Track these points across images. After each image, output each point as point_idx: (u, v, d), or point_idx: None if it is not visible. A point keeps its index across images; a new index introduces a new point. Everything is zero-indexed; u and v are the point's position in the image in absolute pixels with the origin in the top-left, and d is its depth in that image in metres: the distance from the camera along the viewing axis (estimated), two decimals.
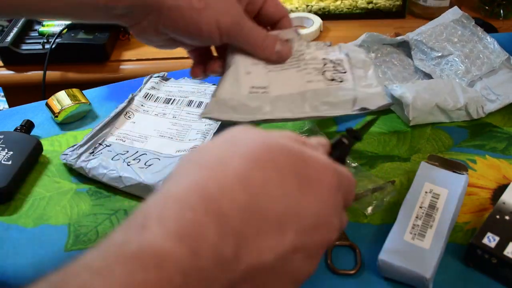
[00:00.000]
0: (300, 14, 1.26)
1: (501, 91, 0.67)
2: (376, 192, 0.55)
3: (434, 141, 0.63)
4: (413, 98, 0.63)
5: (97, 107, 0.71)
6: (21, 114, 0.70)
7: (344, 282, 0.48)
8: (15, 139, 0.62)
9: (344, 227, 0.36)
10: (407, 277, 0.46)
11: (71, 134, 0.67)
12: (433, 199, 0.50)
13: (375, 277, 0.48)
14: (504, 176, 0.58)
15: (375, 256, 0.47)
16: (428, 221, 0.49)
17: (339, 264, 0.49)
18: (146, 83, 0.72)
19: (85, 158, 0.59)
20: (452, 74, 0.70)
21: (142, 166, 0.58)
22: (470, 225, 0.52)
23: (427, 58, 0.73)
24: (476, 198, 0.55)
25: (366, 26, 1.24)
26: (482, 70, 0.69)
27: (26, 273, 0.50)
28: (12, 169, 0.58)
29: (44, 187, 0.59)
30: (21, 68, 1.16)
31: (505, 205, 0.49)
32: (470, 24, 0.75)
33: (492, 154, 0.61)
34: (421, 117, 0.64)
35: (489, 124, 0.65)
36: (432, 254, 0.46)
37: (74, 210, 0.56)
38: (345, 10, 1.28)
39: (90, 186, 0.59)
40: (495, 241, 0.46)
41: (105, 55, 1.15)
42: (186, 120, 0.65)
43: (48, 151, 0.64)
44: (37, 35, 1.19)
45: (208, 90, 0.70)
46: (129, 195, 0.57)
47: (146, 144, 0.61)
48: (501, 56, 0.71)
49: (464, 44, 0.73)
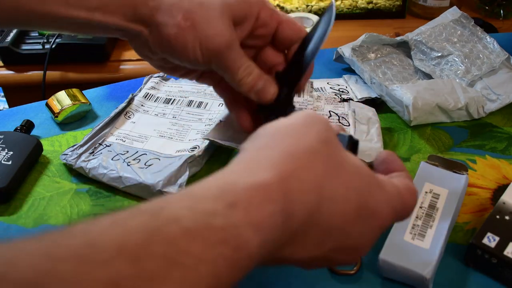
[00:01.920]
0: (300, 14, 1.26)
1: (502, 91, 0.67)
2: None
3: (434, 141, 0.63)
4: (414, 98, 0.63)
5: (97, 107, 0.71)
6: (21, 114, 0.70)
7: (344, 282, 0.48)
8: (15, 139, 0.62)
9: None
10: (407, 277, 0.46)
11: (71, 134, 0.67)
12: (433, 199, 0.50)
13: (375, 277, 0.48)
14: (504, 176, 0.58)
15: (375, 256, 0.47)
16: (428, 221, 0.49)
17: None
18: (146, 83, 0.72)
19: (85, 158, 0.59)
20: (452, 74, 0.70)
21: (142, 166, 0.58)
22: (470, 225, 0.52)
23: (427, 58, 0.73)
24: (476, 198, 0.55)
25: (366, 26, 1.24)
26: (482, 70, 0.69)
27: None
28: (12, 169, 0.58)
29: (44, 187, 0.59)
30: (21, 68, 1.16)
31: (505, 205, 0.49)
32: (470, 24, 0.75)
33: (492, 154, 0.61)
34: (422, 117, 0.64)
35: (489, 124, 0.65)
36: (432, 254, 0.46)
37: (74, 210, 0.56)
38: (345, 10, 1.28)
39: (90, 186, 0.59)
40: (495, 241, 0.46)
41: (105, 55, 1.15)
42: (186, 120, 0.65)
43: (48, 151, 0.64)
44: (37, 35, 1.19)
45: (208, 90, 0.70)
46: (129, 195, 0.57)
47: (146, 144, 0.61)
48: (501, 55, 0.71)
49: (463, 44, 0.73)
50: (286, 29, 0.49)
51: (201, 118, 0.65)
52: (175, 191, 0.55)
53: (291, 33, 0.49)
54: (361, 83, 0.70)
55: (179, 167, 0.57)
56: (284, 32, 0.49)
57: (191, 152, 0.59)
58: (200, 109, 0.67)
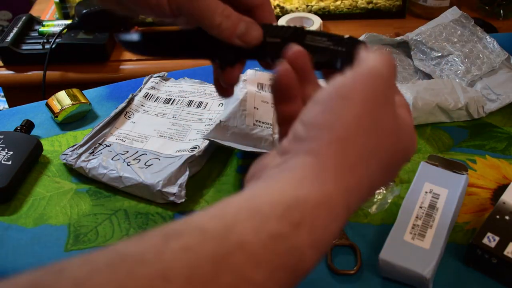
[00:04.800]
0: (300, 14, 1.26)
1: (502, 91, 0.67)
2: (380, 191, 0.55)
3: (434, 141, 0.63)
4: (414, 98, 0.63)
5: (97, 107, 0.71)
6: (21, 114, 0.70)
7: (344, 282, 0.48)
8: (15, 139, 0.62)
9: None
10: (407, 277, 0.46)
11: (71, 134, 0.67)
12: (433, 199, 0.50)
13: (375, 277, 0.48)
14: (504, 176, 0.58)
15: (375, 256, 0.47)
16: (428, 221, 0.48)
17: (339, 264, 0.49)
18: (146, 83, 0.72)
19: (85, 158, 0.59)
20: (452, 74, 0.70)
21: (142, 166, 0.58)
22: (470, 225, 0.52)
23: (427, 58, 0.73)
24: (476, 198, 0.55)
25: (366, 26, 1.24)
26: (482, 70, 0.69)
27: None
28: (12, 169, 0.58)
29: (44, 187, 0.59)
30: (21, 68, 1.16)
31: (505, 205, 0.49)
32: (469, 24, 0.75)
33: (492, 154, 0.61)
34: (422, 117, 0.64)
35: (489, 124, 0.65)
36: (432, 254, 0.46)
37: (74, 210, 0.56)
38: (345, 10, 1.28)
39: (90, 186, 0.59)
40: (495, 241, 0.46)
41: (105, 55, 1.15)
42: (186, 120, 0.65)
43: (48, 151, 0.64)
44: (37, 35, 1.19)
45: (208, 90, 0.70)
46: (129, 195, 0.57)
47: (146, 144, 0.61)
48: (501, 55, 0.71)
49: (463, 44, 0.73)
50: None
51: (201, 118, 0.65)
52: (175, 191, 0.55)
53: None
54: None
55: (179, 167, 0.57)
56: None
57: (191, 152, 0.59)
58: (200, 109, 0.67)
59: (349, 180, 0.31)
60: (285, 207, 0.28)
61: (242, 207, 0.28)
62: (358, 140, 0.31)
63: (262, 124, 0.59)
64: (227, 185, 0.59)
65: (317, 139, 0.31)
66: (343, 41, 0.43)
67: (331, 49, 0.42)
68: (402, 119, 0.34)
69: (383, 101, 0.33)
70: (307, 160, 0.31)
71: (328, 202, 0.29)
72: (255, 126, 0.59)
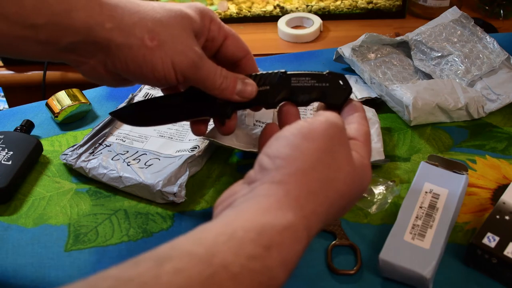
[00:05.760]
0: (300, 14, 1.26)
1: (502, 91, 0.67)
2: (380, 191, 0.55)
3: (434, 141, 0.63)
4: (414, 98, 0.63)
5: (97, 107, 0.71)
6: (21, 114, 0.70)
7: (344, 282, 0.48)
8: (15, 139, 0.62)
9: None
10: (407, 277, 0.46)
11: (71, 134, 0.67)
12: (433, 199, 0.50)
13: (375, 277, 0.48)
14: (504, 176, 0.58)
15: (375, 256, 0.47)
16: (428, 221, 0.49)
17: (339, 264, 0.49)
18: None
19: (85, 158, 0.59)
20: (452, 74, 0.70)
21: (142, 166, 0.58)
22: (470, 225, 0.52)
23: (427, 58, 0.73)
24: (476, 198, 0.55)
25: (366, 26, 1.24)
26: (482, 70, 0.69)
27: (26, 273, 0.50)
28: (12, 169, 0.58)
29: (44, 187, 0.59)
30: (21, 68, 1.16)
31: (505, 205, 0.49)
32: (469, 24, 0.75)
33: (492, 154, 0.61)
34: (422, 117, 0.64)
35: (489, 124, 0.65)
36: (432, 254, 0.46)
37: (74, 210, 0.56)
38: (345, 10, 1.28)
39: (90, 186, 0.59)
40: (495, 241, 0.46)
41: None
42: None
43: (48, 151, 0.64)
44: None
45: None
46: (129, 195, 0.57)
47: (146, 144, 0.61)
48: (501, 55, 0.71)
49: (463, 44, 0.73)
50: (231, 46, 0.50)
51: None
52: (175, 191, 0.55)
53: (235, 50, 0.50)
54: (361, 83, 0.70)
55: (179, 167, 0.57)
56: (228, 48, 0.50)
57: (191, 152, 0.59)
58: None
59: (309, 206, 0.35)
60: (256, 232, 0.32)
61: (219, 232, 0.32)
62: (318, 172, 0.36)
63: (262, 124, 0.59)
64: (227, 185, 0.58)
65: (281, 169, 0.36)
66: (324, 77, 0.48)
67: (316, 86, 0.48)
68: (356, 158, 0.39)
69: (339, 142, 0.38)
70: (272, 188, 0.35)
71: (291, 228, 0.33)
72: (255, 126, 0.59)
